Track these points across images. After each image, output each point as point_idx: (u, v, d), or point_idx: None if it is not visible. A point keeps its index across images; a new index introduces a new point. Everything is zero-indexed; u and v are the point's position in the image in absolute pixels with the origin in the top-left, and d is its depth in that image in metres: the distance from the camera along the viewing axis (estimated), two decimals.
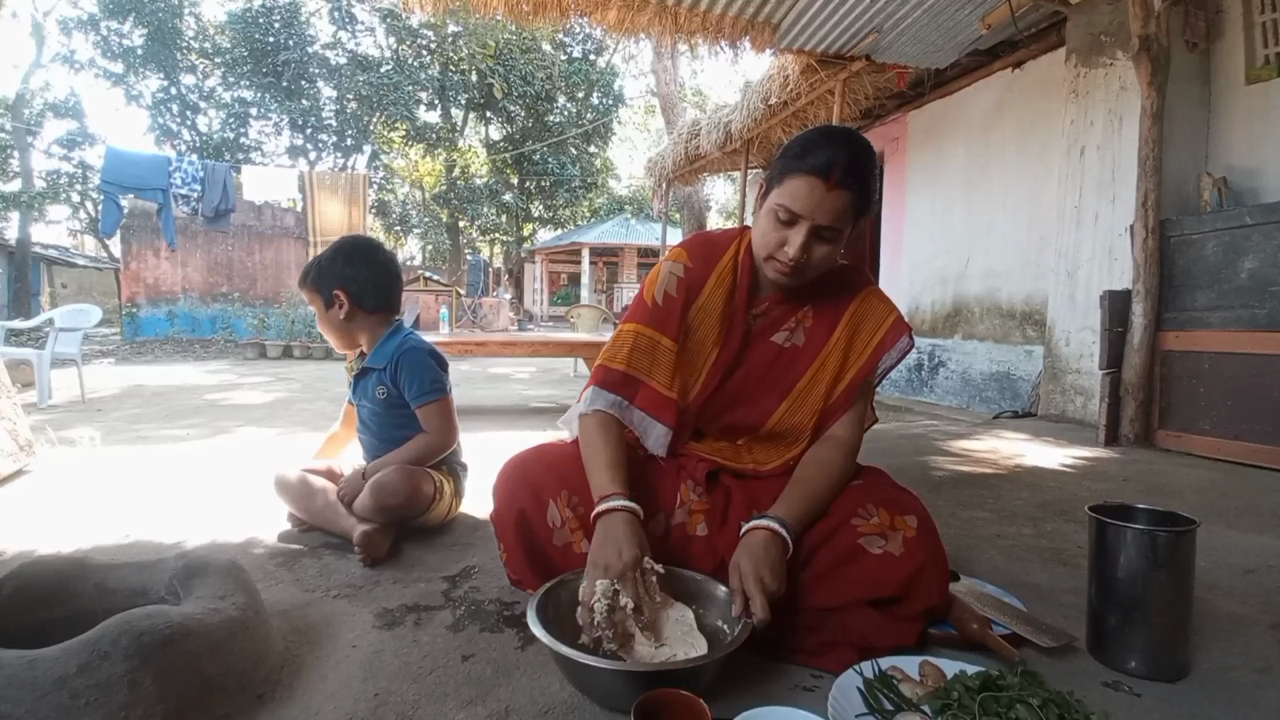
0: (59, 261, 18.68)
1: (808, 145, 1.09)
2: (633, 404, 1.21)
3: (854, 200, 1.08)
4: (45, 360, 4.65)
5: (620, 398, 1.21)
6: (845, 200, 1.07)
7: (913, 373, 5.50)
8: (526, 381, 6.59)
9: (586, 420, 1.20)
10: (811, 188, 1.06)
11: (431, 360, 1.70)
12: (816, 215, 1.07)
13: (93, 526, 1.75)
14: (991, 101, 4.68)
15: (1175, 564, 1.01)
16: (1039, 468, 2.65)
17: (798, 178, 1.07)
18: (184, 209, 7.13)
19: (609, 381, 1.21)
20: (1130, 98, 3.31)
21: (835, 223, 1.08)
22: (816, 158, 1.06)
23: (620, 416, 1.21)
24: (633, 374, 1.21)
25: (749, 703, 0.82)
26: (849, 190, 1.06)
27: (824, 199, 1.06)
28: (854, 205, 1.08)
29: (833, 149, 1.06)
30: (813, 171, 1.06)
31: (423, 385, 1.66)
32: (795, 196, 1.07)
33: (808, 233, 1.08)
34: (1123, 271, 3.32)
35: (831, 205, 1.06)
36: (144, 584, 1.07)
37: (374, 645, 1.12)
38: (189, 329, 11.24)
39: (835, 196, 1.06)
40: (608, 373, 1.22)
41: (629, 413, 1.21)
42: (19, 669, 0.74)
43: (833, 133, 1.11)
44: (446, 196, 19.54)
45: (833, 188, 1.05)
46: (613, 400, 1.20)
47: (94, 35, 15.51)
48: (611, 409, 1.20)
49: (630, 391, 1.21)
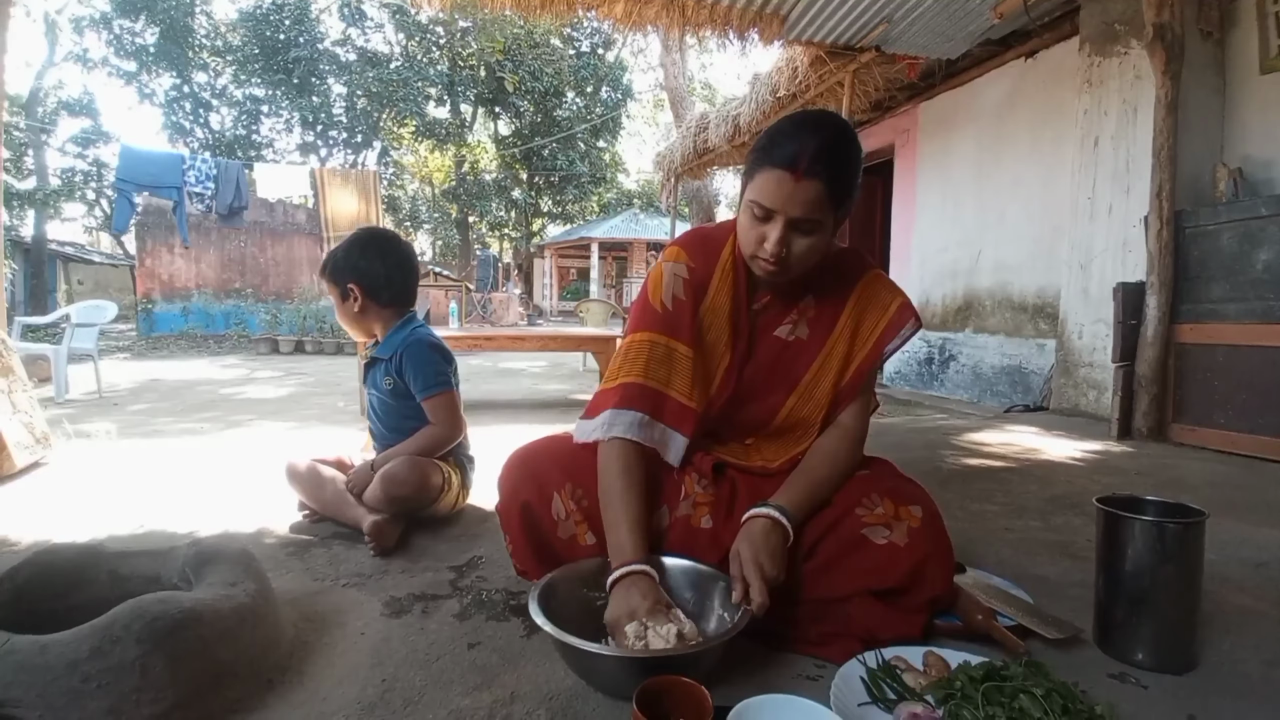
0: (75, 258, 18.93)
1: (774, 137, 1.05)
2: (655, 419, 1.15)
3: (827, 189, 1.03)
4: (62, 355, 4.72)
5: (641, 414, 1.14)
6: (817, 190, 1.02)
7: (923, 366, 5.47)
8: (537, 376, 6.61)
9: (606, 452, 1.14)
10: (780, 181, 1.02)
11: (436, 354, 1.71)
12: (789, 209, 1.03)
13: (108, 517, 1.78)
14: (1004, 92, 4.63)
15: (1184, 556, 1.01)
16: (1050, 461, 2.63)
17: (766, 171, 1.04)
18: (198, 206, 7.19)
19: (626, 399, 1.14)
20: (1145, 87, 3.27)
21: (810, 214, 1.04)
22: (783, 149, 1.02)
23: (641, 437, 1.13)
24: (651, 386, 1.15)
25: (751, 692, 0.83)
26: (819, 179, 1.01)
27: (794, 191, 1.02)
28: (829, 194, 1.03)
29: (800, 138, 1.02)
30: (779, 164, 1.02)
31: (428, 379, 1.67)
32: (765, 191, 1.04)
33: (783, 227, 1.04)
34: (1137, 264, 3.28)
35: (803, 197, 1.02)
36: (157, 571, 1.09)
37: (382, 633, 1.13)
38: (203, 325, 11.37)
39: (805, 188, 1.02)
40: (625, 389, 1.15)
41: (651, 429, 1.15)
42: (30, 654, 0.76)
43: (803, 120, 1.06)
44: (456, 192, 19.62)
45: (800, 179, 1.01)
46: (632, 420, 1.13)
47: (107, 33, 15.69)
48: (631, 432, 1.13)
49: (650, 406, 1.15)
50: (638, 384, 1.15)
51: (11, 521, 1.73)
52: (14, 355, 2.33)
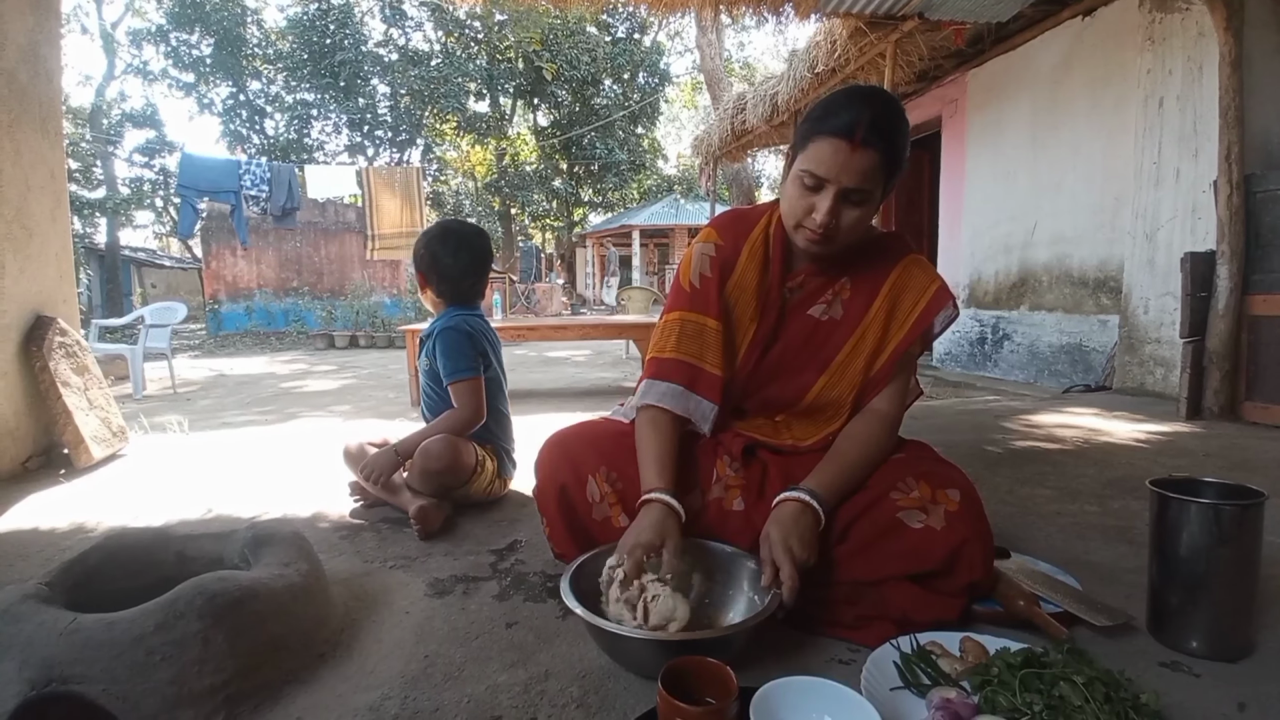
0: (147, 263, 20.07)
1: (829, 107, 1.06)
2: (690, 390, 1.19)
3: (882, 159, 1.03)
4: (138, 355, 5.04)
5: (677, 386, 1.19)
6: (872, 160, 1.03)
7: (975, 347, 5.28)
8: (581, 365, 6.69)
9: (639, 416, 1.21)
10: (836, 150, 1.03)
11: (465, 341, 1.76)
12: (843, 178, 1.04)
13: (178, 504, 1.90)
14: (1059, 54, 4.38)
15: (1241, 539, 0.95)
16: (1110, 443, 2.51)
17: (821, 140, 1.04)
18: (254, 209, 7.53)
19: (661, 372, 1.20)
20: (1209, 44, 3.04)
21: (863, 184, 1.04)
22: (839, 118, 1.03)
23: (676, 406, 1.18)
24: (685, 360, 1.20)
25: (781, 674, 0.83)
26: (875, 149, 1.02)
27: (849, 160, 1.02)
28: (882, 164, 1.04)
29: (856, 108, 1.02)
30: (836, 133, 1.02)
31: (456, 364, 1.74)
32: (820, 160, 1.04)
33: (834, 197, 1.05)
34: (1207, 232, 3.08)
35: (858, 166, 1.03)
36: (220, 553, 1.16)
37: (425, 612, 1.19)
38: (265, 322, 11.93)
39: (861, 156, 1.02)
40: (659, 364, 1.21)
41: (686, 400, 1.19)
42: (96, 630, 0.83)
43: (855, 91, 1.07)
44: (498, 185, 19.89)
45: (857, 148, 1.02)
46: (666, 390, 1.19)
47: (164, 46, 16.47)
48: (664, 400, 1.18)
49: (685, 378, 1.19)
50: (672, 359, 1.20)
51: (88, 509, 1.87)
52: (89, 355, 2.50)
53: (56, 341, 2.29)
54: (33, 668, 0.81)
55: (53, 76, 2.45)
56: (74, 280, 2.61)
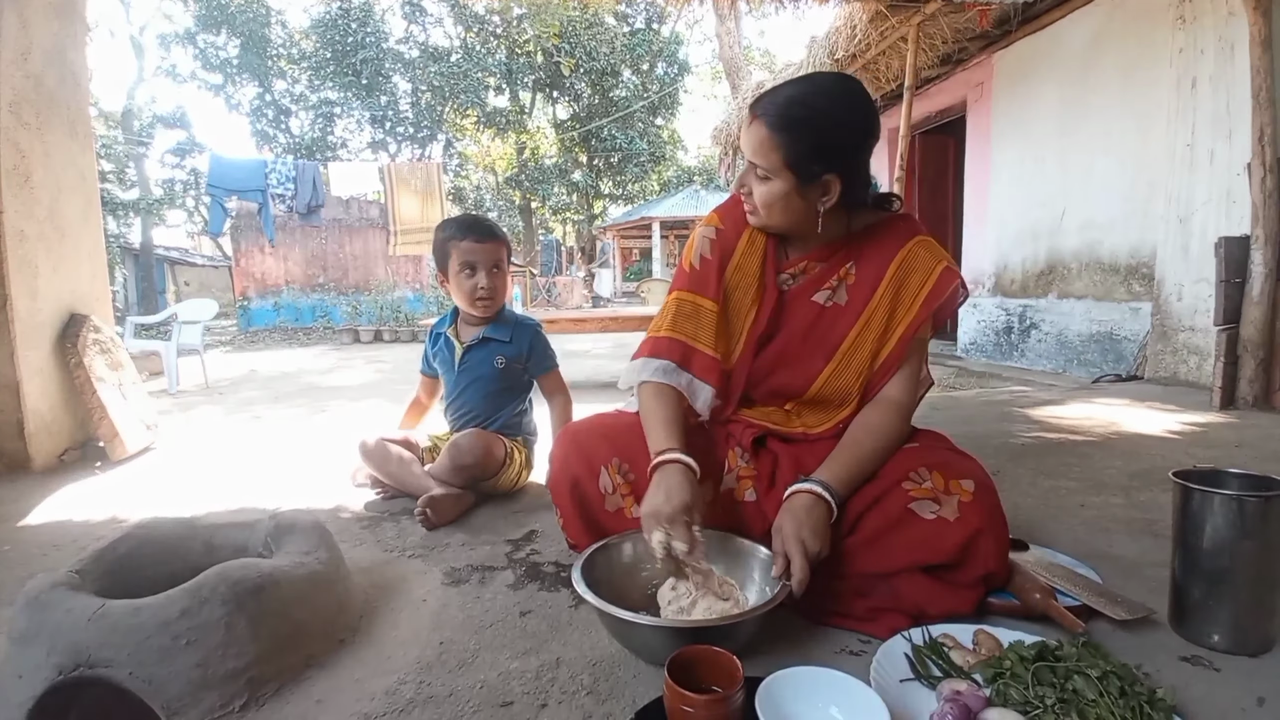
0: (180, 261, 20.57)
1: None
2: (682, 368, 1.20)
3: (771, 133, 1.05)
4: (172, 351, 5.19)
5: (669, 362, 1.20)
6: (760, 132, 1.06)
7: (1001, 336, 5.18)
8: (602, 357, 6.72)
9: (641, 391, 1.22)
10: (745, 124, 1.08)
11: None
12: (746, 152, 1.08)
13: (208, 495, 1.96)
14: (1089, 34, 4.25)
15: (1265, 532, 0.92)
16: (1138, 434, 2.45)
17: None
18: (280, 207, 7.70)
19: (657, 349, 1.21)
20: (1239, 23, 2.93)
21: (756, 158, 1.07)
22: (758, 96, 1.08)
23: (669, 380, 1.19)
24: (678, 339, 1.21)
25: (790, 664, 0.83)
26: (763, 121, 1.05)
27: (746, 134, 1.07)
28: (777, 141, 1.05)
29: (776, 88, 1.06)
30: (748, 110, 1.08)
31: (551, 356, 1.95)
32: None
33: (749, 171, 1.10)
34: (1242, 216, 2.97)
35: (749, 139, 1.07)
36: (245, 542, 1.20)
37: (441, 600, 1.21)
38: (292, 318, 12.18)
39: (753, 129, 1.06)
40: (655, 341, 1.23)
41: (679, 376, 1.20)
42: (123, 616, 0.86)
43: (799, 75, 1.13)
44: (518, 179, 19.96)
45: (753, 120, 1.05)
46: (659, 366, 1.20)
47: (192, 49, 16.83)
48: (659, 376, 1.19)
49: (678, 355, 1.20)
50: (666, 337, 1.23)
51: (122, 500, 1.94)
52: (123, 350, 2.58)
53: (90, 338, 2.37)
54: (61, 652, 0.85)
55: (80, 80, 2.51)
56: (107, 279, 2.69)
